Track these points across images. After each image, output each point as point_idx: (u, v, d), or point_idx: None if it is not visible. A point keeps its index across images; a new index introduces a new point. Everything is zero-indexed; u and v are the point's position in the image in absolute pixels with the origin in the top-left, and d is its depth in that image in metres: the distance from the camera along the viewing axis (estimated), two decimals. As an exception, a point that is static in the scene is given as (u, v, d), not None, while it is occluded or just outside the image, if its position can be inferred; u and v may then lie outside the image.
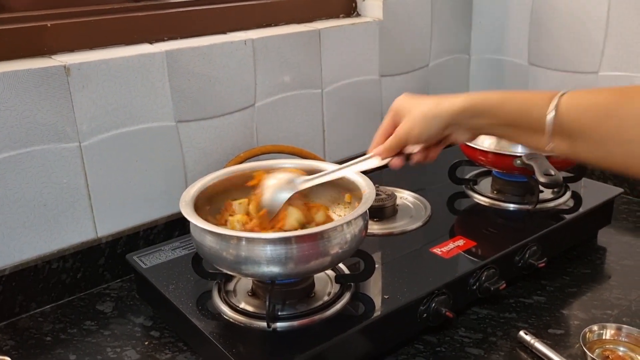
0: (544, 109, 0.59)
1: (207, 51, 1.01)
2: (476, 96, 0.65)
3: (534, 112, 0.60)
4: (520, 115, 0.61)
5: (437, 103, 0.68)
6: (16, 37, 0.88)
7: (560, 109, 0.58)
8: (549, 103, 0.59)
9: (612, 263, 1.00)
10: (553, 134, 0.59)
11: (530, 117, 0.60)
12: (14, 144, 0.85)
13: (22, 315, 0.90)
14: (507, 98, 0.63)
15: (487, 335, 0.82)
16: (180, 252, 0.92)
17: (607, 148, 0.56)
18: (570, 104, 0.58)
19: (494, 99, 0.64)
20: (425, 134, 0.69)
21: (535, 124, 0.60)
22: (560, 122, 0.58)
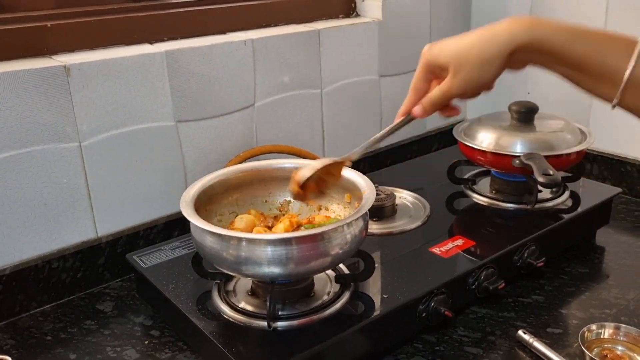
0: (623, 60, 0.52)
1: (207, 51, 1.01)
2: (543, 28, 0.55)
3: (609, 61, 0.53)
4: (592, 61, 0.54)
5: (489, 40, 0.57)
6: (16, 37, 0.88)
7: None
8: (629, 52, 0.52)
9: (610, 262, 1.01)
10: (626, 88, 0.52)
11: (604, 64, 0.53)
12: (14, 143, 0.85)
13: (22, 314, 0.90)
14: (578, 36, 0.54)
15: (485, 334, 0.83)
16: (180, 252, 0.92)
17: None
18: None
19: (563, 36, 0.54)
20: (486, 78, 0.59)
21: (608, 74, 0.53)
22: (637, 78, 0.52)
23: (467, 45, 0.59)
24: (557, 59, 0.56)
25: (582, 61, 0.55)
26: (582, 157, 1.05)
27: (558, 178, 0.93)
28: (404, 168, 1.26)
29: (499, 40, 0.57)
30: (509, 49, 0.56)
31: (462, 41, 0.60)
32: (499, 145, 1.04)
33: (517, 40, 0.56)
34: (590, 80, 0.56)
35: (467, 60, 0.59)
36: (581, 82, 0.57)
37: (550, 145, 1.02)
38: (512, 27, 0.56)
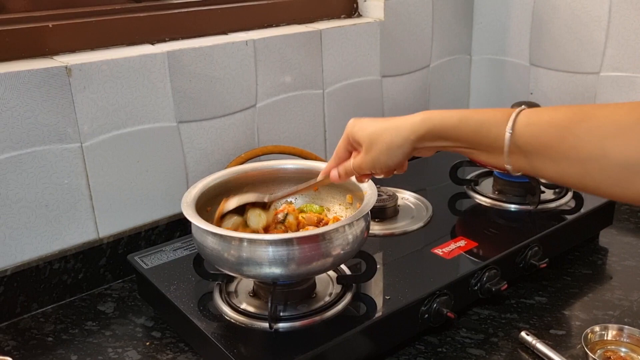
0: (501, 128, 0.58)
1: (208, 52, 1.01)
2: (435, 118, 0.64)
3: (491, 132, 0.60)
4: (478, 136, 0.61)
5: (396, 129, 0.66)
6: (18, 37, 0.88)
7: (517, 127, 0.58)
8: (506, 121, 0.58)
9: (613, 264, 1.00)
10: (510, 153, 0.58)
11: (488, 137, 0.60)
12: (16, 144, 0.85)
13: (23, 315, 0.90)
14: (464, 118, 0.62)
15: (488, 335, 0.82)
16: (182, 253, 0.92)
17: (564, 166, 0.55)
18: (527, 122, 0.57)
19: (451, 121, 0.63)
20: (392, 162, 0.68)
21: (493, 144, 0.60)
22: (517, 141, 0.58)
23: (380, 130, 0.67)
24: (453, 141, 0.64)
25: (471, 138, 0.62)
26: (585, 157, 1.04)
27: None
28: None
29: (403, 133, 0.65)
30: (411, 139, 0.65)
31: (378, 126, 0.68)
32: (502, 145, 1.03)
33: (416, 132, 0.64)
34: (484, 154, 0.62)
35: (377, 144, 0.67)
36: (480, 157, 0.63)
37: (553, 145, 1.01)
38: (412, 120, 0.65)
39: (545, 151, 0.56)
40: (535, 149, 0.57)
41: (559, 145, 0.55)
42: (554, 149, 0.56)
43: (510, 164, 0.60)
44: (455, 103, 1.49)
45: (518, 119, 0.58)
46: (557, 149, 0.55)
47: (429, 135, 0.64)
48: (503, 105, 1.16)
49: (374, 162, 0.68)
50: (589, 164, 0.54)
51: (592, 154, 0.53)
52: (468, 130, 0.62)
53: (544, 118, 0.57)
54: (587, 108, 0.56)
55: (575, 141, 0.54)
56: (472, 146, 0.63)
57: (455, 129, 0.62)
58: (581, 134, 0.54)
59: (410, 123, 0.65)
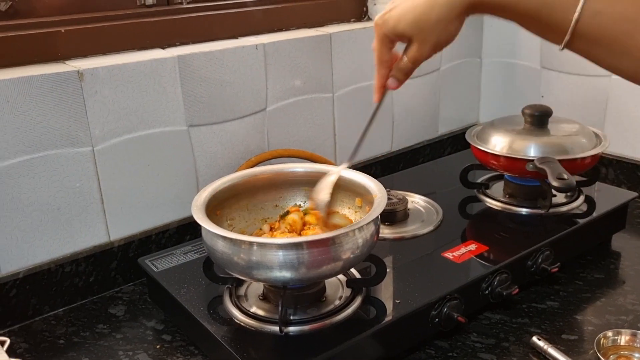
0: (567, 13, 0.54)
1: (218, 56, 1.01)
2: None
3: (555, 14, 0.55)
4: (539, 16, 0.56)
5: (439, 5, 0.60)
6: (30, 42, 0.89)
7: (584, 14, 0.53)
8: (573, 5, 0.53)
9: (626, 268, 0.99)
10: (572, 38, 0.55)
11: (550, 18, 0.55)
12: (28, 148, 0.86)
13: (35, 318, 0.91)
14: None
15: (499, 340, 0.82)
16: (192, 256, 0.92)
17: (624, 60, 0.53)
18: (596, 10, 0.53)
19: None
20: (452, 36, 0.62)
21: (555, 26, 0.55)
22: (582, 29, 0.54)
23: (425, 10, 0.60)
24: (509, 14, 0.58)
25: (531, 15, 0.57)
26: (597, 161, 1.04)
27: (572, 182, 0.92)
28: (416, 172, 1.25)
29: (454, 4, 0.60)
30: (463, 8, 0.60)
31: (417, 6, 0.61)
32: (513, 149, 1.03)
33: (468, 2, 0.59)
34: (540, 29, 0.58)
35: (429, 27, 0.61)
36: (531, 29, 0.59)
37: (564, 149, 1.01)
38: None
39: (609, 44, 0.54)
40: (599, 40, 0.54)
41: (625, 41, 0.52)
42: (619, 43, 0.53)
43: (568, 47, 0.56)
44: (465, 107, 1.49)
45: (587, 5, 0.53)
46: (623, 44, 0.53)
47: (483, 7, 0.60)
48: (513, 108, 1.15)
49: (435, 46, 0.63)
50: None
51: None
52: (528, 8, 0.56)
53: (617, 9, 0.53)
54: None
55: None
56: (530, 21, 0.58)
57: (514, 5, 0.57)
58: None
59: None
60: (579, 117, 1.17)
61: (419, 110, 1.35)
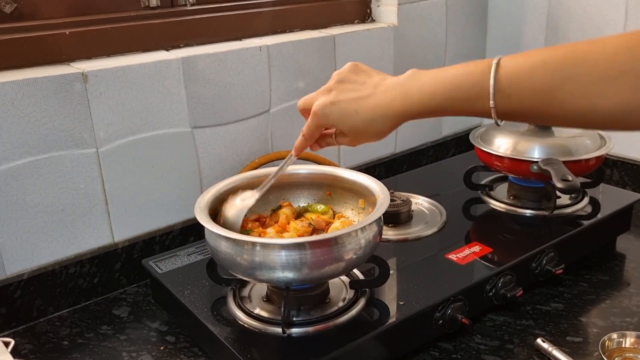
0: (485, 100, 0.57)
1: (222, 57, 1.02)
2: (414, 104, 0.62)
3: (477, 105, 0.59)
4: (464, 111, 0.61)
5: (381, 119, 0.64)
6: (35, 45, 0.89)
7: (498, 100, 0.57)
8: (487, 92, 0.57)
9: (631, 270, 0.99)
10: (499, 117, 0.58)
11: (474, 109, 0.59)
12: (33, 149, 0.86)
13: (40, 319, 0.91)
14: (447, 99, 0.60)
15: (503, 342, 0.81)
16: (196, 258, 0.92)
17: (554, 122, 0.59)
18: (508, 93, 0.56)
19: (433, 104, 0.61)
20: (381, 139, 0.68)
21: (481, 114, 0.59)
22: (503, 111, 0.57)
23: (364, 123, 0.65)
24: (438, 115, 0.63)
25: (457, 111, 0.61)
26: (602, 162, 1.03)
27: (577, 184, 0.91)
28: (420, 174, 1.25)
29: (388, 121, 0.64)
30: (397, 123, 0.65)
31: (358, 115, 0.65)
32: (517, 150, 1.03)
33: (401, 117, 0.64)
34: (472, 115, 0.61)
35: (365, 134, 0.67)
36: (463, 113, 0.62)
37: (568, 150, 1.00)
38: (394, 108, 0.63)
39: (533, 115, 0.58)
40: (522, 114, 0.58)
41: (545, 110, 0.55)
42: (541, 113, 0.56)
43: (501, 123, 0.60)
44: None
45: (499, 89, 0.56)
46: (545, 113, 0.56)
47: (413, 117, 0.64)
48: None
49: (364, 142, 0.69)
50: (577, 119, 0.55)
51: (579, 112, 0.53)
52: (452, 109, 0.61)
53: (524, 84, 0.56)
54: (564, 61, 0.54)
55: (561, 105, 0.54)
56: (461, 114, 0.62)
57: (438, 109, 0.62)
58: (565, 98, 0.53)
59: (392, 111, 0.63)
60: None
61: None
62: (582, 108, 0.53)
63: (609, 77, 0.51)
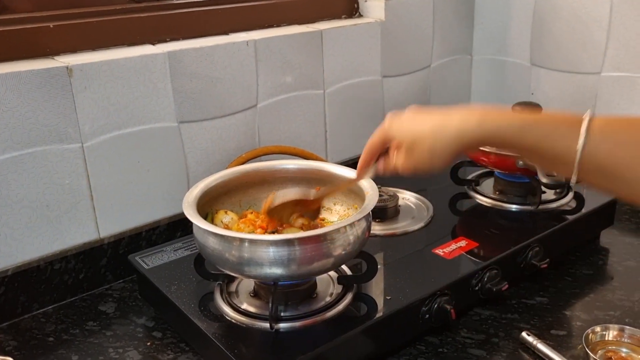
0: (570, 141, 0.52)
1: (209, 52, 1.01)
2: (489, 123, 0.57)
3: (558, 144, 0.53)
4: (543, 147, 0.55)
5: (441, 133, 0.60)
6: (19, 38, 0.88)
7: (590, 142, 0.51)
8: (575, 133, 0.52)
9: (614, 264, 1.00)
10: (581, 168, 0.52)
11: (554, 149, 0.54)
12: (17, 144, 0.85)
13: (24, 315, 0.90)
14: (527, 126, 0.55)
15: (489, 336, 0.82)
16: (183, 253, 0.92)
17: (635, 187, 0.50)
18: (601, 137, 0.51)
19: (511, 130, 0.56)
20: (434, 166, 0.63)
21: (560, 157, 0.53)
22: (589, 157, 0.51)
23: (423, 132, 0.62)
24: (509, 148, 0.58)
25: (534, 149, 0.56)
26: (586, 157, 1.04)
27: (562, 179, 0.92)
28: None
29: (449, 137, 0.59)
30: (459, 145, 0.60)
31: (419, 125, 0.63)
32: (503, 146, 1.03)
33: (467, 137, 0.59)
34: (549, 164, 0.58)
35: (420, 148, 0.62)
36: (538, 164, 0.60)
37: (554, 146, 1.01)
38: (463, 123, 0.59)
39: (622, 171, 0.51)
40: (608, 168, 0.51)
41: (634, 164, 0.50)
42: (630, 170, 0.50)
43: (581, 180, 0.54)
44: (456, 103, 1.49)
45: (591, 131, 0.51)
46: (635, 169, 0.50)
47: (481, 143, 0.59)
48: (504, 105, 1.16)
49: (416, 166, 0.64)
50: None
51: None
52: (532, 140, 0.55)
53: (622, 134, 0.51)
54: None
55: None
56: (534, 155, 0.58)
57: (516, 139, 0.56)
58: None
59: (460, 127, 0.59)
60: (569, 114, 1.17)
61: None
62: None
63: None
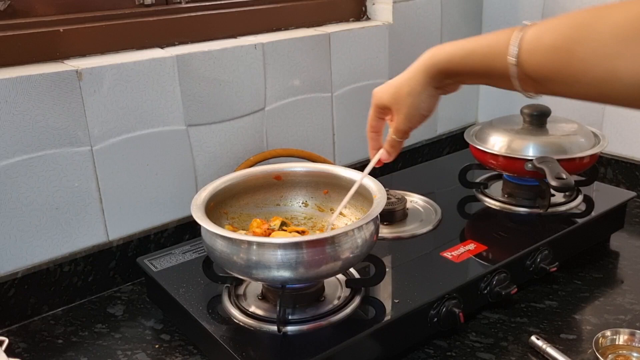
0: (505, 58, 0.56)
1: (217, 55, 1.01)
2: (439, 56, 0.64)
3: (497, 62, 0.58)
4: (486, 68, 0.60)
5: (411, 78, 0.67)
6: (29, 42, 0.89)
7: (521, 56, 0.55)
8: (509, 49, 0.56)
9: (625, 268, 1.00)
10: (521, 80, 0.57)
11: (495, 67, 0.58)
12: (27, 147, 0.85)
13: (34, 317, 0.91)
14: (469, 52, 0.61)
15: (498, 340, 0.82)
16: (191, 256, 0.92)
17: (578, 88, 0.52)
18: (530, 49, 0.55)
19: (456, 58, 0.62)
20: (423, 110, 0.69)
21: (503, 74, 0.58)
22: (524, 70, 0.56)
23: (398, 85, 0.69)
24: (465, 76, 0.64)
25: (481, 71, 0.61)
26: (596, 160, 1.04)
27: (571, 182, 0.92)
28: (415, 172, 1.26)
29: (418, 76, 0.67)
30: (427, 82, 0.66)
31: (395, 83, 0.70)
32: (511, 148, 1.03)
33: (428, 73, 0.66)
34: (497, 82, 0.61)
35: (402, 99, 0.69)
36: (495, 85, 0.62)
37: (563, 148, 1.01)
38: (420, 64, 0.66)
39: (555, 77, 0.54)
40: (544, 76, 0.55)
41: (567, 70, 0.52)
42: (562, 74, 0.53)
43: (526, 91, 0.58)
44: (464, 106, 1.49)
45: (522, 46, 0.55)
46: (566, 73, 0.53)
47: (442, 74, 0.65)
48: (512, 108, 1.15)
49: (408, 117, 0.69)
50: (602, 86, 0.50)
51: (603, 77, 0.50)
52: (475, 64, 0.61)
53: (546, 41, 0.54)
54: (588, 18, 0.51)
55: (582, 65, 0.51)
56: (484, 76, 0.62)
57: (462, 65, 0.62)
58: (586, 57, 0.50)
59: (421, 67, 0.66)
60: (578, 116, 1.17)
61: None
62: (603, 70, 0.49)
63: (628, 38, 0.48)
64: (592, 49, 0.50)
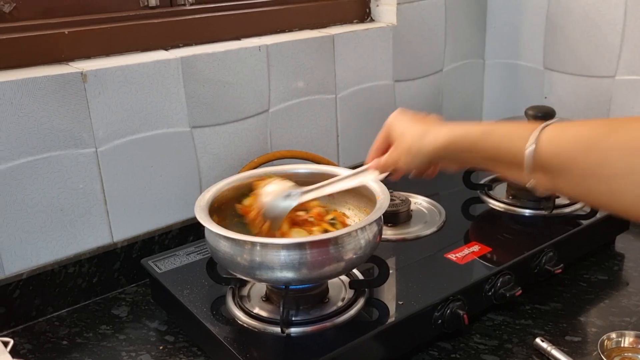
0: (523, 142, 0.56)
1: (221, 57, 1.02)
2: (458, 131, 0.65)
3: (514, 146, 0.58)
4: (500, 150, 0.60)
5: (420, 136, 0.68)
6: (34, 44, 0.89)
7: (540, 143, 0.55)
8: (529, 136, 0.56)
9: (630, 269, 0.99)
10: (533, 169, 0.56)
11: (509, 151, 0.59)
12: (32, 149, 0.86)
13: (38, 319, 0.91)
14: (487, 132, 0.62)
15: (502, 342, 0.82)
16: (195, 257, 0.92)
17: (589, 184, 0.52)
18: (551, 137, 0.55)
19: (475, 133, 0.63)
20: (411, 165, 0.70)
21: (515, 159, 0.58)
22: (539, 157, 0.56)
23: (408, 131, 0.70)
24: (475, 154, 0.64)
25: (494, 152, 0.61)
26: (601, 162, 1.03)
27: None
28: (419, 173, 1.25)
29: (425, 140, 0.68)
30: (432, 148, 0.67)
31: (409, 126, 0.71)
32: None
33: (439, 141, 0.66)
34: (506, 168, 0.61)
35: (403, 145, 0.70)
36: (502, 172, 0.63)
37: (567, 150, 1.00)
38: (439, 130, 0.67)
39: (568, 168, 0.54)
40: (558, 166, 0.55)
41: (583, 161, 0.52)
42: (578, 165, 0.53)
43: (533, 181, 0.58)
44: (468, 107, 1.49)
45: (542, 135, 0.56)
46: (582, 165, 0.53)
47: (451, 148, 0.65)
48: (517, 109, 1.15)
49: (397, 160, 0.71)
50: (615, 182, 0.50)
51: (620, 171, 0.50)
52: (491, 144, 0.61)
53: (569, 133, 0.55)
54: (615, 122, 0.53)
55: (601, 157, 0.51)
56: (494, 159, 0.62)
57: (478, 142, 0.63)
58: (607, 150, 0.51)
59: (435, 133, 0.67)
60: (583, 118, 1.16)
61: (421, 112, 1.34)
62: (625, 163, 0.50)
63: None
64: (615, 143, 0.51)
